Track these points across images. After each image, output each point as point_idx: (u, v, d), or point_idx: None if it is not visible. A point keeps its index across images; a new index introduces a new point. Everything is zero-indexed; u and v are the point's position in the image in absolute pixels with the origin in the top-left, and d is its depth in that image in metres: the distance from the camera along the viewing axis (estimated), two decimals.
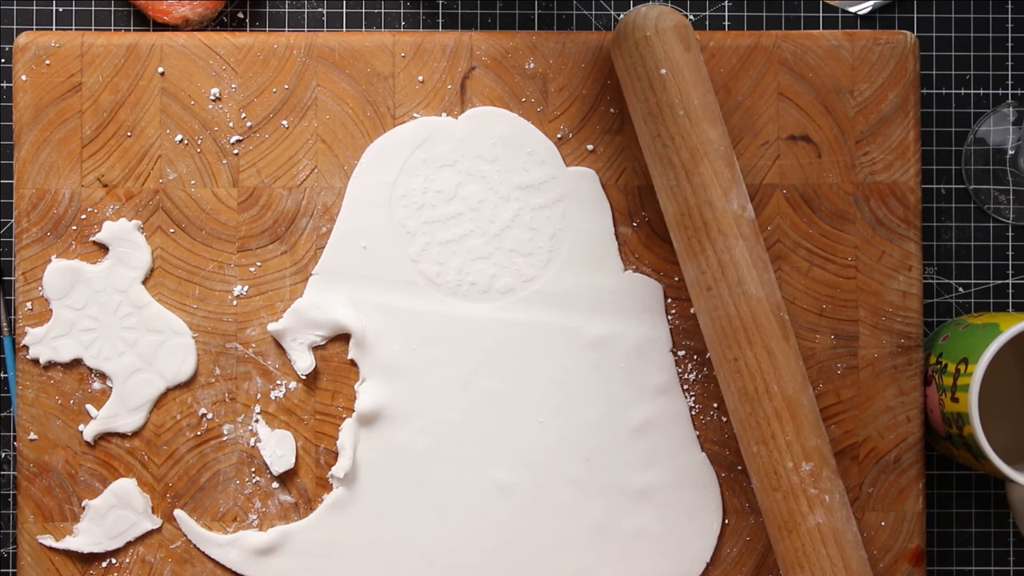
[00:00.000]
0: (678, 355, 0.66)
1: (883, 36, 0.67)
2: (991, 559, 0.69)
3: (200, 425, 0.65)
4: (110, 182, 0.65)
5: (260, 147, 0.65)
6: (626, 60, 0.62)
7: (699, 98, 0.61)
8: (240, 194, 0.65)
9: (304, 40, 0.66)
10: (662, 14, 0.61)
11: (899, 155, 0.66)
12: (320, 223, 0.65)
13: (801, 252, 0.66)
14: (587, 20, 0.70)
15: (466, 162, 0.65)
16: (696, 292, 0.62)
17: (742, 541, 0.66)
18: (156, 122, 0.65)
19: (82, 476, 0.65)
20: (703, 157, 0.61)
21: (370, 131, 0.66)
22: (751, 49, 0.66)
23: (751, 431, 0.61)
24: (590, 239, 0.66)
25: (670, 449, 0.65)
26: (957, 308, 0.70)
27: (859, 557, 0.61)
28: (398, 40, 0.66)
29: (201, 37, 0.65)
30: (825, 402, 0.66)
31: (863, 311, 0.66)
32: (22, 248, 0.65)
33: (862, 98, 0.66)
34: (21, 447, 0.65)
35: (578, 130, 0.66)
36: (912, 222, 0.66)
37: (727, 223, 0.61)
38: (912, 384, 0.66)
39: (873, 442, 0.66)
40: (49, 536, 0.64)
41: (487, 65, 0.66)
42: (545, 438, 0.65)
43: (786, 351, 0.61)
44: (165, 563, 0.65)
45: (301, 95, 0.65)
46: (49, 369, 0.65)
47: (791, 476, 0.60)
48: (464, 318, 0.65)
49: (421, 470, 0.65)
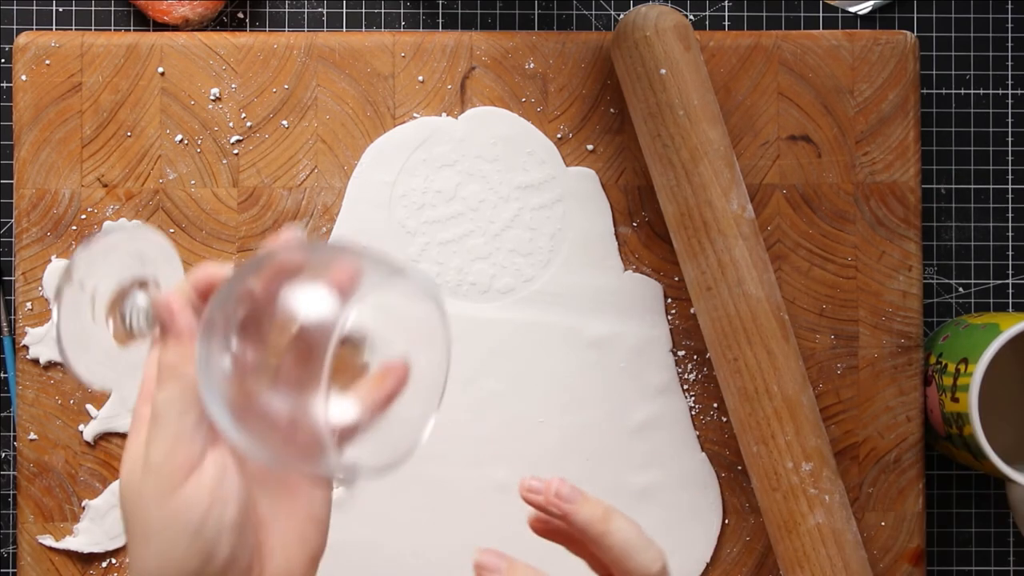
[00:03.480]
0: (678, 355, 0.66)
1: (883, 36, 0.67)
2: (991, 559, 0.69)
3: None
4: (110, 182, 0.65)
5: (260, 147, 0.65)
6: (626, 60, 0.62)
7: (699, 98, 0.61)
8: (240, 194, 0.65)
9: (304, 40, 0.66)
10: (662, 14, 0.61)
11: (899, 155, 0.66)
12: (320, 223, 0.65)
13: (801, 252, 0.66)
14: (587, 20, 0.70)
15: (466, 162, 0.65)
16: (696, 292, 0.62)
17: (742, 541, 0.66)
18: (156, 122, 0.65)
19: (82, 476, 0.65)
20: (703, 157, 0.61)
21: (370, 131, 0.66)
22: (751, 49, 0.66)
23: (751, 431, 0.61)
24: (590, 239, 0.66)
25: (670, 449, 0.65)
26: (957, 308, 0.70)
27: (859, 557, 0.61)
28: (398, 40, 0.66)
29: (201, 37, 0.65)
30: (825, 402, 0.66)
31: (863, 311, 0.66)
32: (22, 248, 0.65)
33: (862, 98, 0.66)
34: (21, 447, 0.64)
35: (578, 130, 0.66)
36: (912, 222, 0.66)
37: (727, 223, 0.61)
38: (912, 384, 0.66)
39: (873, 442, 0.66)
40: (49, 536, 0.64)
41: (487, 65, 0.66)
42: (545, 438, 0.65)
43: (786, 351, 0.61)
44: None
45: (301, 95, 0.65)
46: (49, 369, 0.65)
47: (791, 476, 0.60)
48: (464, 318, 0.65)
49: (421, 470, 0.65)
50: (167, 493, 0.40)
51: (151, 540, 0.41)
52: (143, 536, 0.41)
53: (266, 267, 0.40)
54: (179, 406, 0.41)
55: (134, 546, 0.42)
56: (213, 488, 0.41)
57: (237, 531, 0.41)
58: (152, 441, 0.41)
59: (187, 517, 0.40)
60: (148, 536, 0.41)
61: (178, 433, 0.41)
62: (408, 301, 0.43)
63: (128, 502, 0.42)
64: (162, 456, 0.41)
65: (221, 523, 0.41)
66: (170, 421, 0.41)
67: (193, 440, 0.41)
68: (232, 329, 0.39)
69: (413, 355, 0.43)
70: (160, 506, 0.40)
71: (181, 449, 0.41)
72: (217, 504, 0.41)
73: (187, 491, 0.40)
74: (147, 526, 0.41)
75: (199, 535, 0.40)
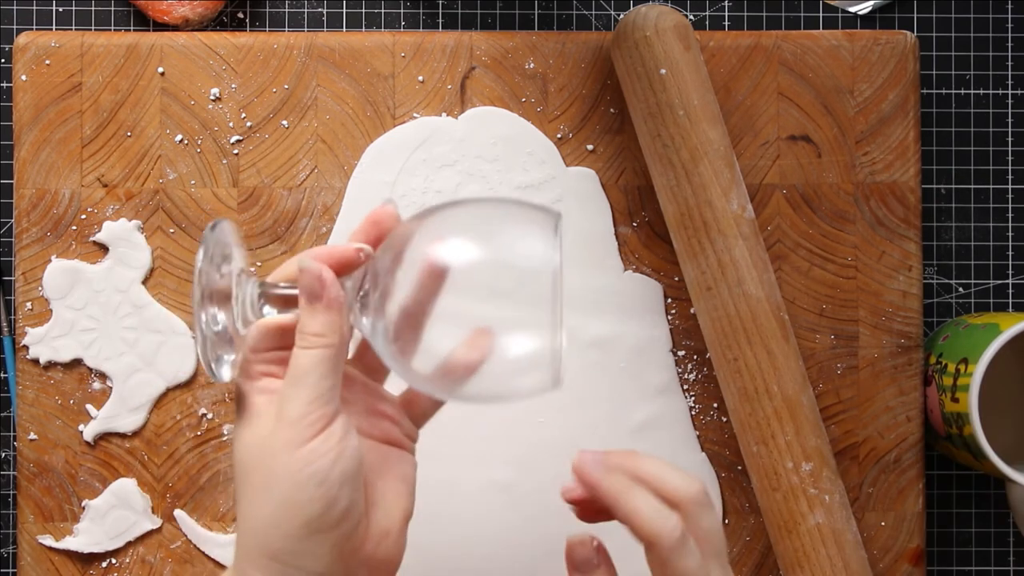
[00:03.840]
0: (678, 355, 0.66)
1: (883, 36, 0.67)
2: (991, 559, 0.69)
3: (200, 425, 0.65)
4: (110, 182, 0.65)
5: (260, 147, 0.65)
6: (626, 60, 0.62)
7: (699, 98, 0.61)
8: (240, 194, 0.65)
9: (304, 40, 0.66)
10: (662, 14, 0.61)
11: (899, 155, 0.66)
12: (320, 223, 0.65)
13: (801, 252, 0.66)
14: (587, 20, 0.70)
15: (466, 162, 0.65)
16: (696, 292, 0.62)
17: (742, 541, 0.66)
18: (156, 122, 0.65)
19: (82, 476, 0.65)
20: (703, 157, 0.61)
21: (370, 131, 0.66)
22: (751, 49, 0.66)
23: (751, 431, 0.61)
24: (590, 239, 0.66)
25: (670, 449, 0.65)
26: (957, 308, 0.70)
27: (859, 557, 0.61)
28: (398, 40, 0.66)
29: (201, 37, 0.65)
30: (825, 402, 0.66)
31: (863, 311, 0.66)
32: (22, 248, 0.65)
33: (862, 98, 0.66)
34: (21, 447, 0.64)
35: (578, 130, 0.66)
36: (912, 222, 0.66)
37: (727, 223, 0.61)
38: (912, 384, 0.66)
39: (873, 442, 0.66)
40: (49, 536, 0.64)
41: (487, 65, 0.66)
42: (545, 438, 0.65)
43: (786, 351, 0.61)
44: (165, 563, 0.65)
45: (301, 95, 0.65)
46: (49, 369, 0.65)
47: (791, 476, 0.60)
48: None
49: (421, 470, 0.65)
50: (299, 444, 0.44)
51: (275, 487, 0.44)
52: (265, 485, 0.44)
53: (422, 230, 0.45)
54: (322, 370, 0.45)
55: (252, 496, 0.45)
56: (340, 442, 0.44)
57: (355, 484, 0.45)
58: (291, 398, 0.44)
59: (316, 466, 0.44)
60: (272, 484, 0.44)
61: (318, 393, 0.44)
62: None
63: (251, 453, 0.45)
64: (300, 411, 0.44)
65: (344, 475, 0.44)
66: (312, 382, 0.44)
67: (330, 401, 0.45)
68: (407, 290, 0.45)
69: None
70: (291, 455, 0.44)
71: (318, 407, 0.44)
72: (342, 458, 0.44)
73: (317, 443, 0.44)
74: (273, 474, 0.44)
75: (324, 483, 0.44)
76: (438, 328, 0.45)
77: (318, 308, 0.45)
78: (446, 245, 0.45)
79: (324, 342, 0.45)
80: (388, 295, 0.45)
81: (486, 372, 0.44)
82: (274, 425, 0.45)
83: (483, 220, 0.46)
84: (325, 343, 0.45)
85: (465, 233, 0.45)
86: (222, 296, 0.45)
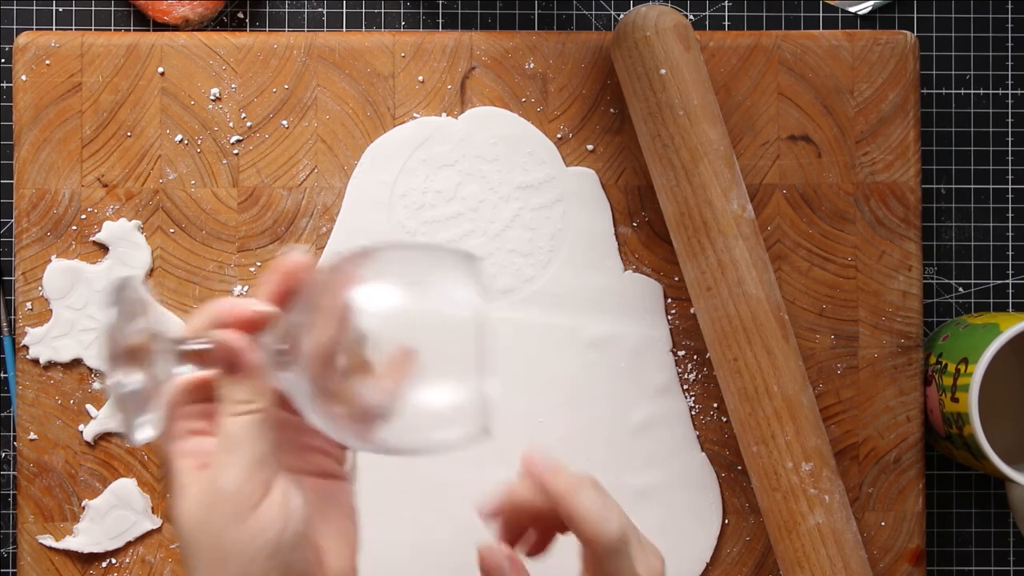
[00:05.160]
0: (678, 355, 0.66)
1: (883, 36, 0.67)
2: (991, 559, 0.69)
3: None
4: (110, 182, 0.65)
5: (260, 147, 0.65)
6: (626, 60, 0.62)
7: (699, 98, 0.61)
8: (240, 194, 0.65)
9: (304, 40, 0.66)
10: (662, 14, 0.61)
11: (899, 155, 0.66)
12: (320, 223, 0.65)
13: (801, 252, 0.66)
14: (587, 20, 0.70)
15: (466, 162, 0.65)
16: (696, 292, 0.62)
17: (742, 541, 0.66)
18: (156, 122, 0.65)
19: (82, 476, 0.65)
20: (703, 157, 0.61)
21: (370, 131, 0.66)
22: (751, 49, 0.66)
23: (751, 431, 0.61)
24: (590, 239, 0.66)
25: (670, 449, 0.65)
26: (957, 308, 0.70)
27: (859, 557, 0.61)
28: (398, 40, 0.66)
29: (201, 37, 0.65)
30: (825, 402, 0.66)
31: (863, 311, 0.66)
32: (22, 248, 0.65)
33: (862, 98, 0.66)
34: (21, 447, 0.65)
35: (578, 130, 0.66)
36: (912, 222, 0.66)
37: (727, 223, 0.61)
38: (912, 384, 0.66)
39: (873, 442, 0.66)
40: (49, 536, 0.64)
41: (487, 65, 0.66)
42: (545, 438, 0.65)
43: (786, 351, 0.61)
44: (165, 563, 0.65)
45: (301, 95, 0.65)
46: (49, 369, 0.65)
47: (791, 476, 0.60)
48: None
49: (421, 470, 0.65)
50: (244, 517, 0.42)
51: (229, 563, 0.42)
52: (219, 561, 0.43)
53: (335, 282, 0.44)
54: (254, 435, 0.43)
55: (206, 571, 0.43)
56: (283, 506, 0.43)
57: (305, 542, 0.44)
58: (224, 469, 0.43)
59: (265, 537, 0.42)
60: (226, 560, 0.42)
61: (255, 459, 0.43)
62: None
63: (196, 531, 0.43)
64: (238, 480, 0.42)
65: (296, 538, 0.43)
66: (247, 450, 0.43)
67: (267, 465, 0.43)
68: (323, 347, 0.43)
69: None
70: (237, 530, 0.42)
71: (257, 473, 0.43)
72: (290, 521, 0.43)
73: (262, 512, 0.42)
74: (223, 551, 0.42)
75: (277, 551, 0.43)
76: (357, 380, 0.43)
77: (238, 377, 0.43)
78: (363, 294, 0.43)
79: (251, 408, 0.43)
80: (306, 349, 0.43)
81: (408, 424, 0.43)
82: (214, 497, 0.43)
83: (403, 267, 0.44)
84: (252, 408, 0.43)
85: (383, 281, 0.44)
86: (135, 355, 0.43)
